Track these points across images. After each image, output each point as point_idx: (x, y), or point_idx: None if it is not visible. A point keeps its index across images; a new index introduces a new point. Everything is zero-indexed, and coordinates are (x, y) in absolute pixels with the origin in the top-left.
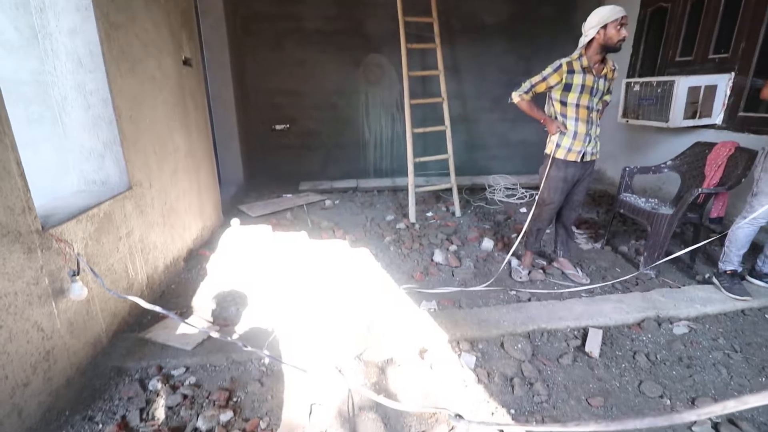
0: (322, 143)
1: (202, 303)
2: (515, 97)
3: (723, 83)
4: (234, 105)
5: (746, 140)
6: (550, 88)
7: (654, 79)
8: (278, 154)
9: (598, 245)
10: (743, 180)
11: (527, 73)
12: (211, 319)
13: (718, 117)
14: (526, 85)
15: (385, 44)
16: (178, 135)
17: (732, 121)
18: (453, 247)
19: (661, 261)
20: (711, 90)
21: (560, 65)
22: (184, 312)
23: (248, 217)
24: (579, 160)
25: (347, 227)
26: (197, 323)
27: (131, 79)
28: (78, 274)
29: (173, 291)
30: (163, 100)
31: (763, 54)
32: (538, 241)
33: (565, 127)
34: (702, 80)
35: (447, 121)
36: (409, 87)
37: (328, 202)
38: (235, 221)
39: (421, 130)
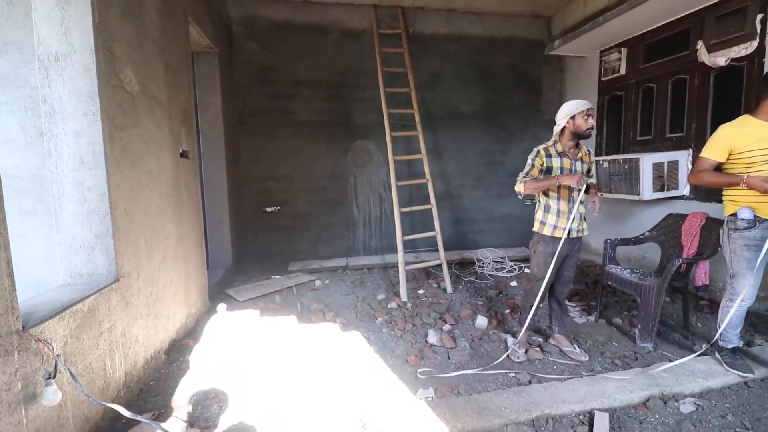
0: (312, 223)
1: (183, 401)
2: (518, 188)
3: (683, 159)
4: (226, 191)
5: (714, 209)
6: (540, 171)
7: (621, 157)
8: (268, 236)
9: (591, 318)
10: (719, 249)
11: (504, 153)
12: (191, 421)
13: (684, 189)
14: (520, 176)
15: (372, 132)
16: (171, 223)
17: (698, 193)
18: (447, 327)
19: (655, 333)
20: (674, 165)
21: (538, 151)
22: (162, 413)
23: (235, 302)
24: (566, 236)
25: (338, 309)
26: (175, 427)
27: (129, 174)
28: (54, 376)
29: (152, 388)
30: (158, 192)
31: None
32: (532, 319)
33: (584, 181)
34: (664, 157)
35: (432, 200)
36: (395, 170)
37: (318, 283)
38: (221, 307)
39: (408, 209)
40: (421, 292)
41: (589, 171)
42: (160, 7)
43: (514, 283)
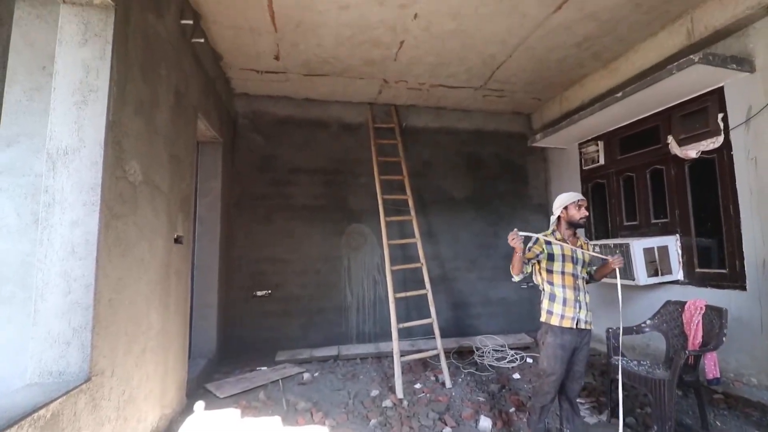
0: (304, 308)
1: None
2: (513, 271)
3: (672, 244)
4: (218, 274)
5: (710, 295)
6: (537, 256)
7: (611, 241)
8: (257, 322)
9: (603, 417)
10: (724, 339)
11: (496, 236)
12: None
13: (678, 273)
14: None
15: (367, 216)
16: (155, 313)
17: (692, 277)
18: (447, 430)
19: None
20: (664, 250)
21: (537, 239)
22: None
23: (215, 399)
24: (574, 327)
25: (327, 408)
26: None
27: (120, 263)
28: None
29: None
30: (147, 280)
31: (697, 218)
32: (542, 421)
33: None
34: (653, 242)
35: (427, 285)
36: (390, 254)
37: (306, 376)
38: (199, 405)
39: (402, 294)
40: (418, 386)
41: (590, 260)
42: (172, 105)
43: (516, 375)
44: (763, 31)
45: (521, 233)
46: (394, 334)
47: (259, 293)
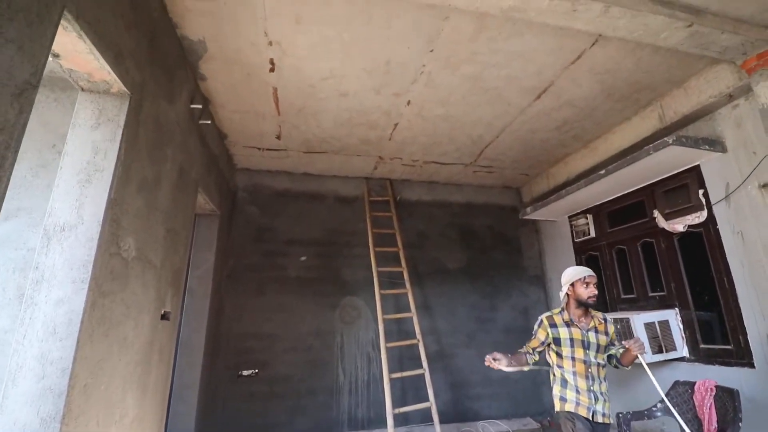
0: (293, 389)
1: None
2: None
3: (672, 318)
4: (202, 351)
5: (719, 373)
6: (542, 343)
7: (610, 315)
8: (241, 405)
9: None
10: (740, 424)
11: (493, 309)
12: None
13: (683, 350)
14: (523, 349)
15: (361, 289)
16: (132, 397)
17: (698, 354)
18: None
19: None
20: (665, 324)
21: (541, 321)
22: None
23: None
24: (590, 418)
25: None
26: None
27: (101, 344)
28: None
29: None
30: (128, 360)
31: (694, 290)
32: None
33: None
34: (653, 316)
35: (425, 363)
36: (385, 329)
37: None
38: None
39: (398, 374)
40: None
41: (611, 343)
42: (175, 181)
43: None
44: (727, 116)
45: (498, 361)
46: (390, 421)
47: (245, 372)
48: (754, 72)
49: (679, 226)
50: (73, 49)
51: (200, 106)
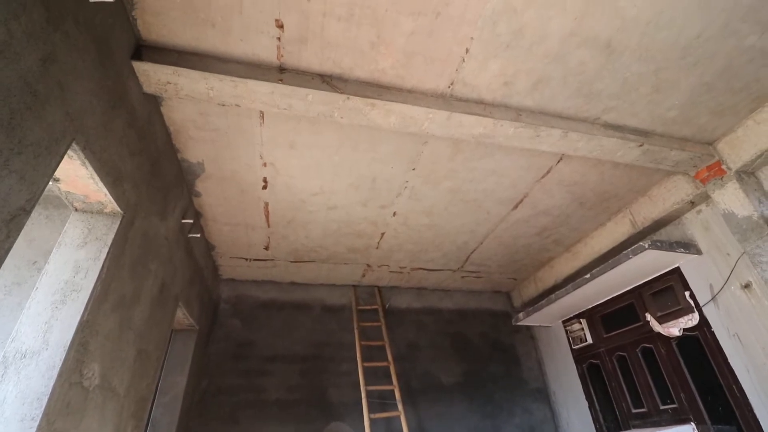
0: None
1: None
2: None
3: None
4: None
5: None
6: None
7: None
8: None
9: None
10: None
11: (497, 430)
12: None
13: None
14: None
15: (348, 412)
16: None
17: None
18: None
19: None
20: None
21: None
22: None
23: None
24: None
25: None
26: None
27: None
28: None
29: None
30: None
31: (706, 401)
32: None
33: None
34: None
35: None
36: None
37: None
38: None
39: None
40: None
41: None
42: (154, 297)
43: None
44: (694, 220)
45: None
46: None
47: None
48: (708, 181)
49: (674, 329)
50: (74, 174)
51: (191, 221)
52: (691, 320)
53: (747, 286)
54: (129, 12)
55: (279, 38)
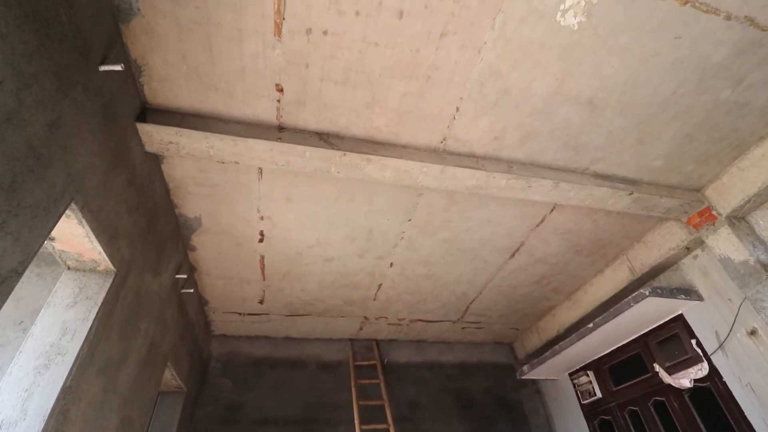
0: None
1: None
2: None
3: None
4: None
5: None
6: None
7: None
8: None
9: None
10: None
11: None
12: None
13: None
14: None
15: None
16: None
17: None
18: None
19: None
20: None
21: None
22: None
23: None
24: None
25: None
26: None
27: None
28: None
29: None
30: None
31: None
32: None
33: None
34: None
35: None
36: None
37: None
38: None
39: None
40: None
41: None
42: (142, 358)
43: None
44: (691, 266)
45: None
46: None
47: None
48: (700, 227)
49: (685, 381)
50: (70, 233)
51: (185, 276)
52: (701, 370)
53: (753, 332)
54: (137, 78)
55: (279, 100)
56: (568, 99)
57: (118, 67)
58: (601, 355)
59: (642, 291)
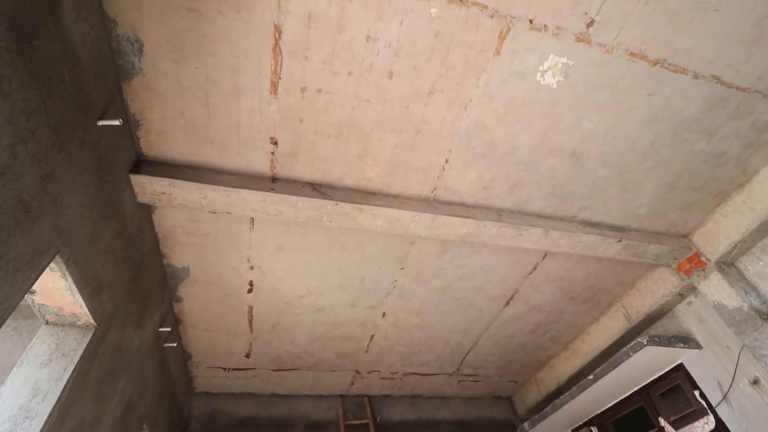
0: None
1: None
2: None
3: None
4: None
5: None
6: None
7: None
8: None
9: None
10: None
11: None
12: None
13: None
14: None
15: None
16: None
17: None
18: None
19: None
20: None
21: None
22: None
23: None
24: None
25: None
26: None
27: None
28: None
29: None
30: None
31: None
32: None
33: None
34: None
35: None
36: None
37: None
38: None
39: None
40: None
41: None
42: (117, 421)
43: None
44: (686, 312)
45: None
46: None
47: None
48: (691, 273)
49: None
50: (51, 286)
51: (169, 329)
52: (708, 424)
53: (756, 382)
54: (134, 132)
55: (273, 152)
56: (552, 151)
57: (116, 122)
58: (604, 409)
59: (640, 340)
